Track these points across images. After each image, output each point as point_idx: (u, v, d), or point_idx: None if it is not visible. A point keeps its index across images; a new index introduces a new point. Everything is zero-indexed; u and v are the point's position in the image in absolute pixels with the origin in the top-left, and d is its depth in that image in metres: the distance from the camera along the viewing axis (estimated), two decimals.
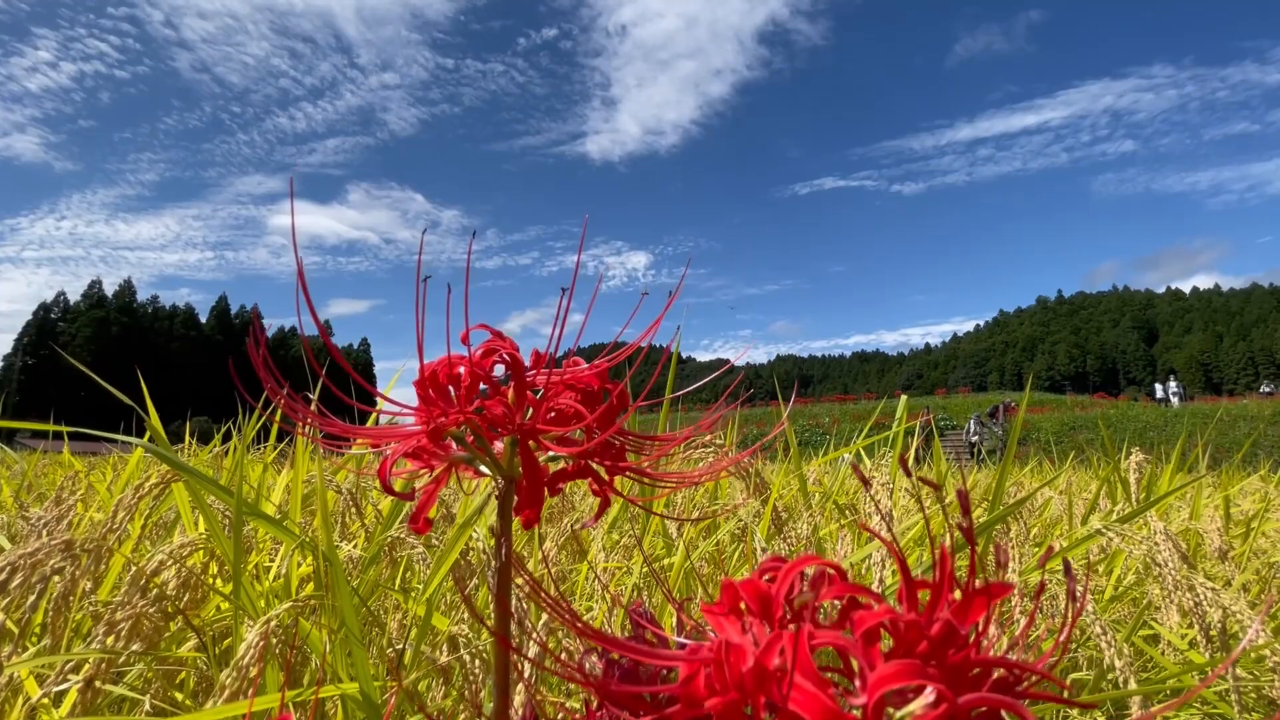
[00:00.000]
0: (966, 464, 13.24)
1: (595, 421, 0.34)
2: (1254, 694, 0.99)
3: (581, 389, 0.34)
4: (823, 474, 2.09)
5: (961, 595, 0.22)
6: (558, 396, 0.34)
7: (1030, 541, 1.77)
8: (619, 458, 0.38)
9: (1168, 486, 1.66)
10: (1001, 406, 24.32)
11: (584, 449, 0.34)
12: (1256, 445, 17.15)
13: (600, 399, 0.35)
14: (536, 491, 0.31)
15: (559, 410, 0.33)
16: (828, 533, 1.60)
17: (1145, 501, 1.16)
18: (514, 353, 0.35)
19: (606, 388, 0.35)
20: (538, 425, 0.32)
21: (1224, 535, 1.77)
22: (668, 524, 1.15)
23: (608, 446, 0.36)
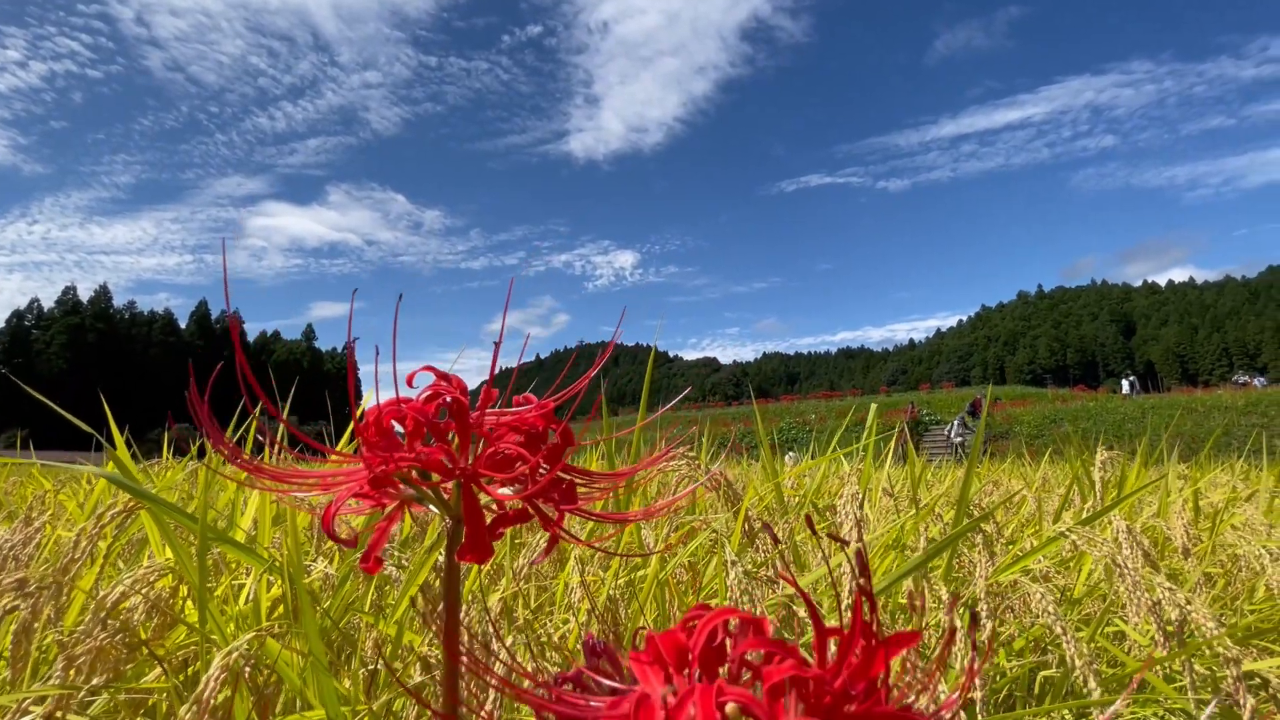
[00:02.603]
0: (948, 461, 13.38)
1: (539, 463, 0.35)
2: (1210, 688, 1.02)
3: (526, 430, 0.35)
4: (802, 476, 2.11)
5: (863, 648, 0.23)
6: (501, 439, 0.34)
7: (1004, 540, 1.80)
8: (568, 496, 0.39)
9: (1133, 483, 1.70)
10: (982, 399, 24.66)
11: (528, 492, 0.34)
12: (1230, 435, 17.54)
13: (545, 439, 0.36)
14: (477, 537, 0.32)
15: (500, 454, 0.33)
16: (806, 536, 1.62)
17: (1109, 502, 1.19)
18: (458, 395, 0.35)
19: (552, 427, 0.36)
20: (479, 470, 0.33)
21: (1192, 529, 1.81)
22: (644, 535, 1.16)
23: (555, 485, 0.37)
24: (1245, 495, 2.16)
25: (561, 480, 0.38)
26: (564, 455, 0.36)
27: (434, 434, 0.33)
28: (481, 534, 0.32)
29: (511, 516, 0.33)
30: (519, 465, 0.34)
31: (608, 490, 0.41)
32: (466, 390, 0.39)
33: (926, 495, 1.97)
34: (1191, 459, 5.69)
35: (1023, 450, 5.32)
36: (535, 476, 0.34)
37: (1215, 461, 5.48)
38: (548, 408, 0.36)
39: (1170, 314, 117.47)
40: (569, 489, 0.39)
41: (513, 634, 0.99)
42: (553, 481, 0.37)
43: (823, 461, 1.49)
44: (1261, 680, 0.99)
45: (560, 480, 0.38)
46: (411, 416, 0.33)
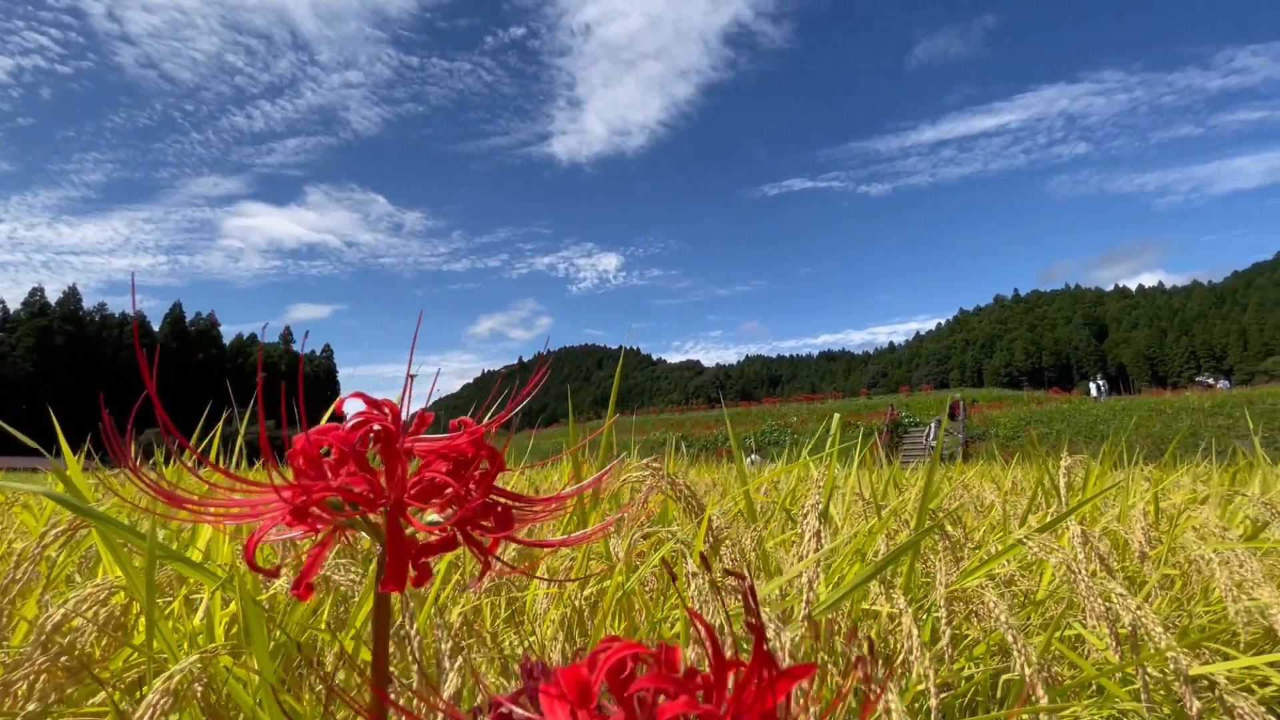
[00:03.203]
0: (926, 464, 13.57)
1: (467, 490, 0.35)
2: (1163, 691, 1.05)
3: (454, 457, 0.35)
4: (775, 482, 2.12)
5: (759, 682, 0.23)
6: (428, 467, 0.34)
7: (971, 545, 1.83)
8: (504, 521, 0.39)
9: (1093, 488, 1.74)
10: (960, 402, 25.07)
11: (454, 519, 0.34)
12: (1197, 436, 18.02)
13: (476, 464, 0.36)
14: (398, 567, 0.32)
15: (426, 482, 0.33)
16: (779, 542, 1.63)
17: (1071, 506, 1.22)
18: (387, 423, 0.35)
19: (482, 454, 0.36)
20: (404, 498, 0.33)
21: (1153, 531, 1.86)
22: (610, 544, 1.16)
23: (487, 511, 0.37)
24: (1202, 497, 2.22)
25: (495, 505, 0.38)
26: (494, 480, 0.36)
27: (357, 463, 0.33)
28: (401, 563, 0.32)
29: (436, 545, 0.33)
30: (442, 494, 0.34)
31: (546, 514, 0.41)
32: (399, 416, 0.39)
33: (895, 499, 1.99)
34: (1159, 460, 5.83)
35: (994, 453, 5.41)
36: (464, 503, 0.35)
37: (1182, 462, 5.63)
38: (478, 433, 0.36)
39: (1140, 318, 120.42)
40: (504, 514, 0.39)
41: (477, 648, 0.98)
42: (483, 508, 0.37)
43: (795, 467, 1.50)
44: (1210, 682, 1.02)
45: (494, 505, 0.38)
46: (337, 445, 0.33)
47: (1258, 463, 2.64)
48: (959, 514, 2.26)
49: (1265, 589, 1.12)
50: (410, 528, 0.35)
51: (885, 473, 2.29)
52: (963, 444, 20.28)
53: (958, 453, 19.50)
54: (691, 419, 33.65)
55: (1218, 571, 1.23)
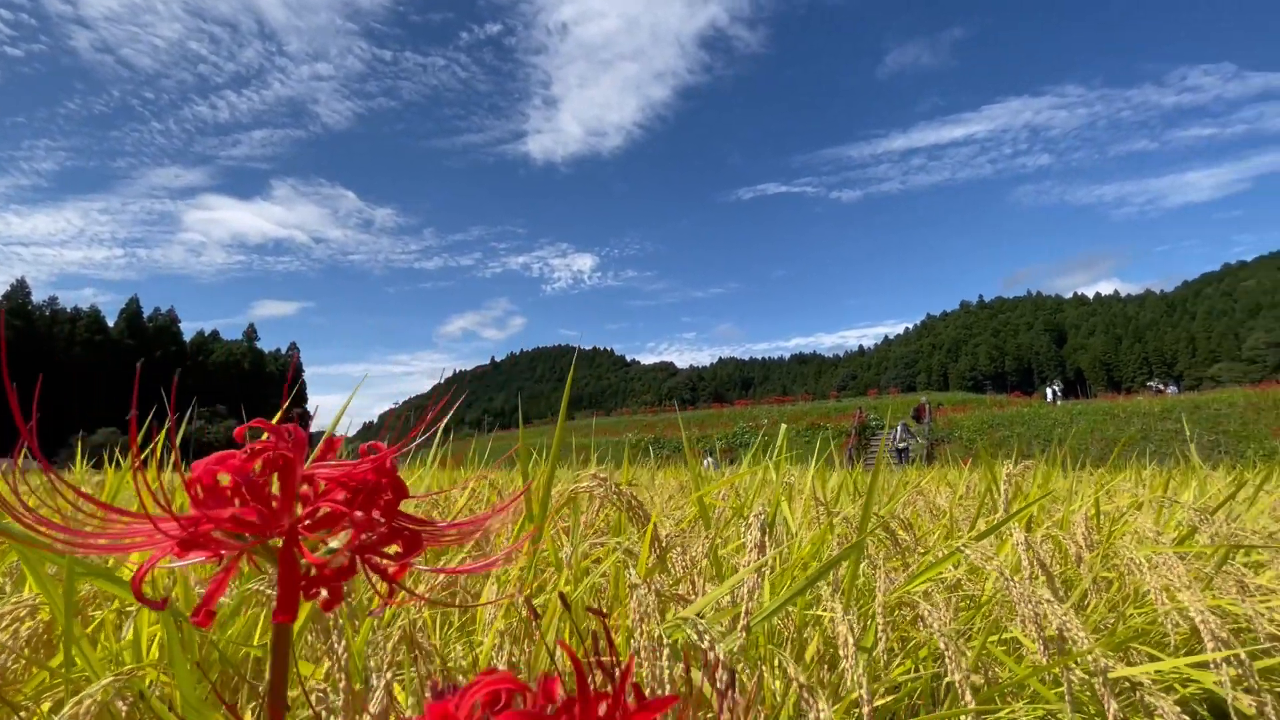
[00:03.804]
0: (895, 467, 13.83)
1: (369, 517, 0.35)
2: (1089, 692, 1.09)
3: (355, 485, 0.35)
4: (740, 483, 2.15)
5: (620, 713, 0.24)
6: (327, 495, 0.34)
7: (920, 549, 1.88)
8: (412, 546, 0.39)
9: (1038, 493, 1.80)
10: (926, 405, 25.64)
11: (350, 547, 0.34)
12: (1148, 439, 18.77)
13: (380, 491, 0.36)
14: (289, 596, 0.31)
15: (320, 511, 0.33)
16: (735, 548, 1.65)
17: (1013, 510, 1.26)
18: (284, 451, 0.35)
19: (385, 481, 0.36)
20: (298, 528, 0.33)
21: (1094, 535, 1.93)
22: (560, 555, 1.16)
23: (392, 536, 0.37)
24: (1138, 503, 2.31)
25: (402, 531, 0.38)
26: (396, 507, 0.36)
27: (250, 492, 0.33)
28: (292, 593, 0.32)
29: (330, 574, 0.33)
30: (338, 524, 0.34)
31: (456, 539, 0.41)
32: (304, 443, 0.38)
33: (849, 503, 2.04)
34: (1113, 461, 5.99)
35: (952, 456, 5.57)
36: (363, 531, 0.35)
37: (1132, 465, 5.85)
38: (380, 460, 0.36)
39: (1097, 325, 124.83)
40: (412, 539, 0.39)
41: (423, 662, 0.97)
42: (389, 534, 0.37)
43: (743, 475, 1.52)
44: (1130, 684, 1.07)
45: (400, 531, 0.38)
46: (232, 474, 0.33)
47: (1194, 468, 2.76)
48: (912, 520, 2.32)
49: (1188, 592, 1.18)
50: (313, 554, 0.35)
51: (843, 476, 2.33)
52: (928, 446, 20.74)
53: (923, 455, 19.97)
54: (664, 420, 33.76)
55: (1147, 575, 1.29)
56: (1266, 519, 2.54)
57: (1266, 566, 1.86)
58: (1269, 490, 2.58)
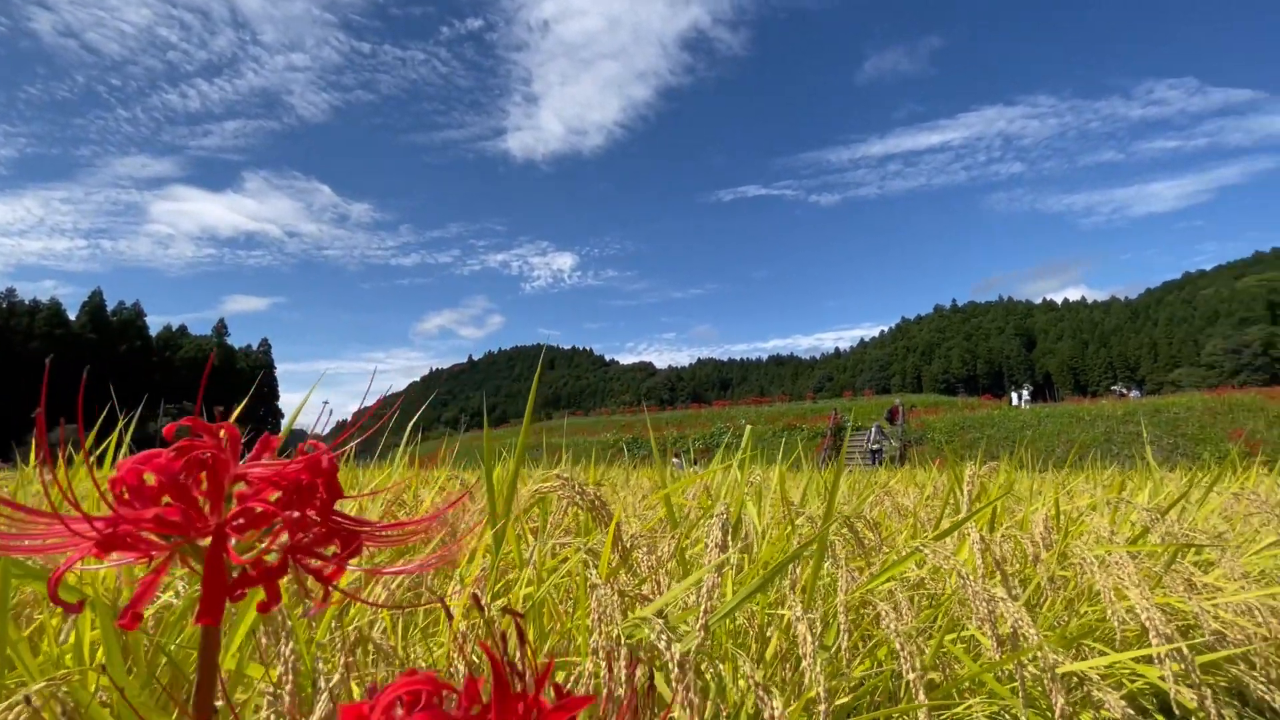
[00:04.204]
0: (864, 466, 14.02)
1: (305, 517, 0.35)
2: (1040, 687, 1.12)
3: (288, 484, 0.34)
4: (712, 483, 2.16)
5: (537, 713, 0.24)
6: (258, 495, 0.34)
7: (886, 549, 1.91)
8: (350, 546, 0.38)
9: (995, 494, 1.84)
10: (900, 407, 26.06)
11: (289, 546, 0.34)
12: (1111, 441, 19.33)
13: (314, 491, 0.35)
14: (213, 598, 0.31)
15: (248, 512, 0.33)
16: (697, 552, 1.66)
17: (967, 514, 1.29)
18: (216, 450, 0.34)
19: (319, 480, 0.35)
20: (225, 529, 0.32)
21: (1052, 535, 1.98)
22: (525, 555, 1.15)
23: (329, 537, 0.37)
24: (1095, 504, 2.38)
25: (340, 531, 0.38)
26: (331, 508, 0.36)
27: (175, 493, 0.32)
28: (215, 595, 0.31)
29: (257, 576, 0.32)
30: (265, 524, 0.33)
31: (396, 540, 0.41)
32: (238, 441, 0.38)
33: (817, 504, 2.06)
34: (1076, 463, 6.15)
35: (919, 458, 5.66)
36: (295, 532, 0.34)
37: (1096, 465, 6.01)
38: (315, 459, 0.36)
39: (1065, 330, 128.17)
40: (351, 539, 0.39)
41: (383, 663, 0.96)
42: (325, 535, 0.37)
43: (708, 475, 1.52)
44: (1079, 679, 1.10)
45: (337, 531, 0.37)
46: (157, 474, 0.32)
47: (1150, 470, 2.85)
48: (880, 519, 2.36)
49: (1136, 590, 1.22)
50: (246, 554, 0.35)
51: (808, 476, 2.36)
52: (901, 448, 21.09)
53: (897, 456, 20.29)
54: (642, 421, 33.79)
55: (1098, 574, 1.33)
56: (1216, 519, 2.64)
57: (1215, 565, 1.92)
58: (1219, 491, 2.68)
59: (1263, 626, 1.39)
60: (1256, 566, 1.98)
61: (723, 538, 0.89)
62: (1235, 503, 2.60)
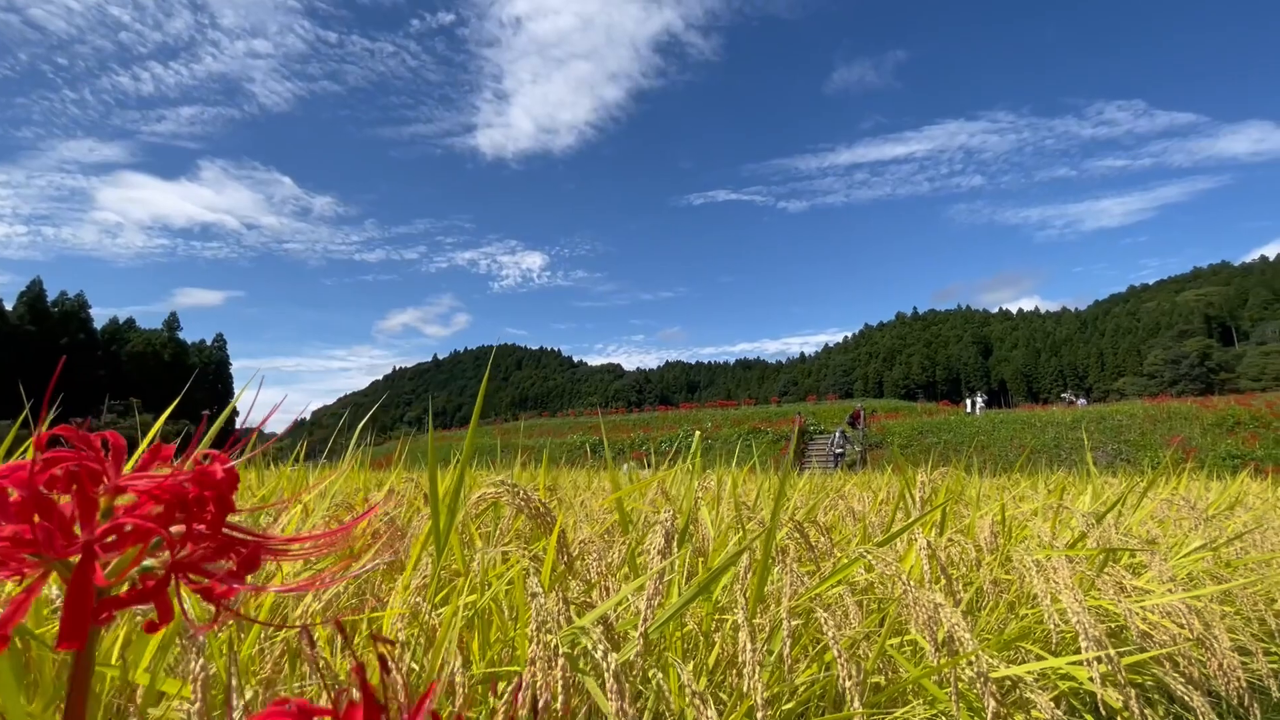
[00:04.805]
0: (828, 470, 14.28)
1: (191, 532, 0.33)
2: (975, 692, 1.15)
3: (171, 498, 0.32)
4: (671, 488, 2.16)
5: None
6: (137, 509, 0.32)
7: (836, 553, 1.94)
8: (250, 563, 0.36)
9: (941, 499, 1.88)
10: (862, 411, 26.62)
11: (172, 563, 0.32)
12: (1060, 448, 20.12)
13: (203, 504, 0.34)
14: (74, 621, 0.29)
15: (125, 528, 0.31)
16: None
17: (902, 526, 1.31)
18: (90, 462, 0.32)
19: (207, 494, 0.33)
20: (93, 547, 0.30)
21: (999, 538, 2.04)
22: (469, 563, 1.13)
23: (220, 552, 0.35)
24: (1038, 508, 2.46)
25: (234, 546, 0.36)
26: (221, 524, 0.34)
27: (37, 508, 0.30)
28: (77, 618, 0.29)
29: (126, 598, 0.30)
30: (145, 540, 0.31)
31: (305, 554, 0.39)
32: (122, 451, 0.36)
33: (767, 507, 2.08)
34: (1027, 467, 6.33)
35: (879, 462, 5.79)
36: (176, 549, 0.32)
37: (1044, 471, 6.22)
38: (207, 471, 0.34)
39: (1020, 339, 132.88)
40: (250, 555, 0.37)
41: (310, 677, 0.93)
42: (215, 550, 0.35)
43: (651, 481, 1.52)
44: (1013, 682, 1.14)
45: (231, 547, 0.36)
46: (17, 488, 0.30)
47: (1091, 476, 2.97)
48: (834, 523, 2.39)
49: (1067, 594, 1.26)
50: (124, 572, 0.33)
51: (764, 481, 2.38)
52: (862, 452, 21.54)
53: (859, 460, 20.71)
54: (610, 422, 33.73)
55: (1034, 579, 1.37)
56: (1151, 523, 2.76)
57: (1147, 568, 2.01)
58: (1151, 497, 2.80)
59: (1185, 628, 1.45)
60: (1184, 570, 2.07)
61: (665, 544, 0.89)
62: (1167, 508, 2.73)
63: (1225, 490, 4.00)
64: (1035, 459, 19.84)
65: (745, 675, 0.85)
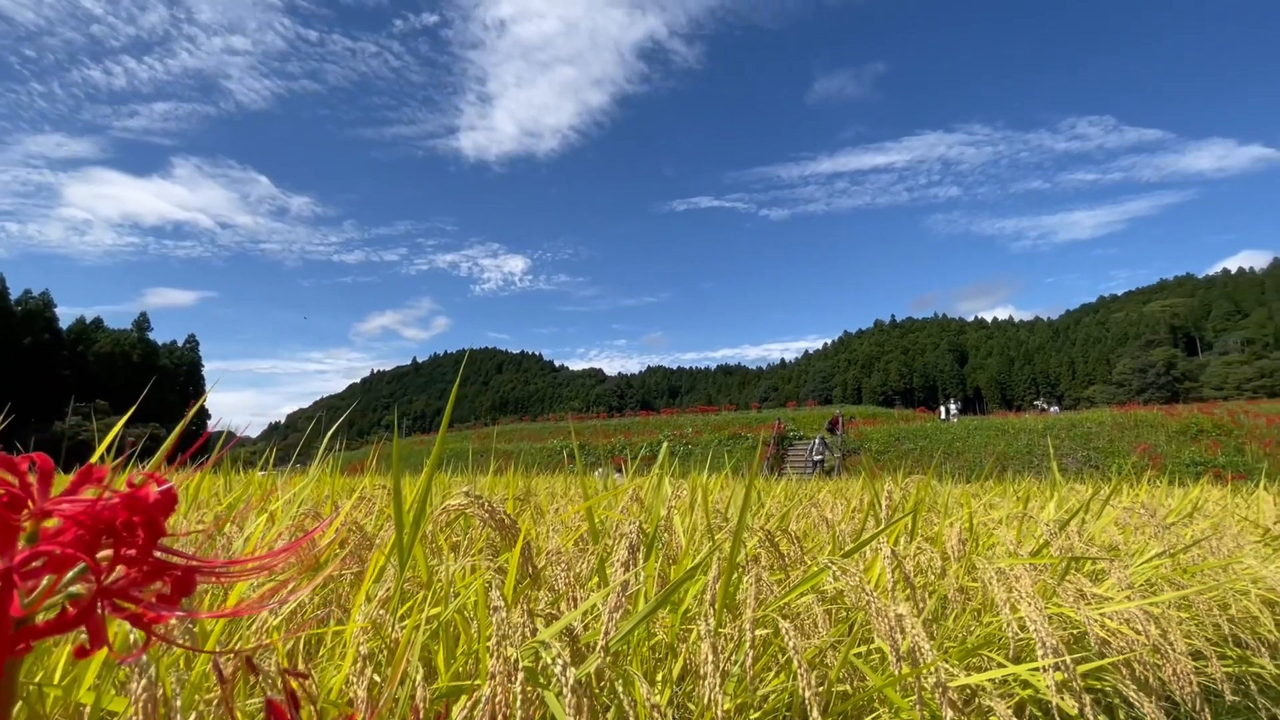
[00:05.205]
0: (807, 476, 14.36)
1: (120, 558, 0.32)
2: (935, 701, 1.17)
3: (97, 524, 0.32)
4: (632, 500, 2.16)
5: None
6: (63, 535, 0.31)
7: (808, 558, 1.96)
8: (183, 588, 0.36)
9: (913, 506, 1.91)
10: (840, 417, 26.91)
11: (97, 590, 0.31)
12: (1032, 454, 20.54)
13: (131, 530, 0.33)
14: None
15: (42, 555, 0.30)
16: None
17: (866, 537, 1.33)
18: (12, 486, 0.31)
19: (137, 519, 0.33)
20: (10, 574, 0.29)
21: (966, 546, 2.07)
22: (434, 575, 1.12)
23: (151, 576, 0.34)
24: (1005, 516, 2.51)
25: (166, 571, 0.35)
26: (150, 551, 0.34)
27: None
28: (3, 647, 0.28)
29: (46, 627, 0.30)
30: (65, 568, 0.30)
31: (242, 576, 0.38)
32: (50, 474, 0.35)
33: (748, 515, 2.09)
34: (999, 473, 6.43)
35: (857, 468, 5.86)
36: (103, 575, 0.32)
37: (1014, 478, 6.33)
38: (138, 495, 0.33)
39: (994, 347, 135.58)
40: (184, 579, 0.36)
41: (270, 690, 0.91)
42: (146, 575, 0.34)
43: (618, 493, 1.53)
44: (972, 691, 1.16)
45: (162, 571, 0.35)
46: None
47: (1056, 485, 3.03)
48: (806, 531, 2.42)
49: (1026, 603, 1.29)
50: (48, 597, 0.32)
51: (735, 490, 2.39)
52: (840, 458, 21.75)
53: (837, 466, 20.92)
54: (590, 428, 33.64)
55: (995, 587, 1.40)
56: (1114, 529, 2.83)
57: (1107, 575, 2.06)
58: (1114, 504, 2.87)
59: (1142, 634, 1.49)
60: (1144, 576, 2.13)
61: (629, 557, 0.89)
62: (1129, 515, 2.80)
63: (1186, 497, 4.12)
64: (1008, 465, 20.26)
65: (706, 687, 0.86)
